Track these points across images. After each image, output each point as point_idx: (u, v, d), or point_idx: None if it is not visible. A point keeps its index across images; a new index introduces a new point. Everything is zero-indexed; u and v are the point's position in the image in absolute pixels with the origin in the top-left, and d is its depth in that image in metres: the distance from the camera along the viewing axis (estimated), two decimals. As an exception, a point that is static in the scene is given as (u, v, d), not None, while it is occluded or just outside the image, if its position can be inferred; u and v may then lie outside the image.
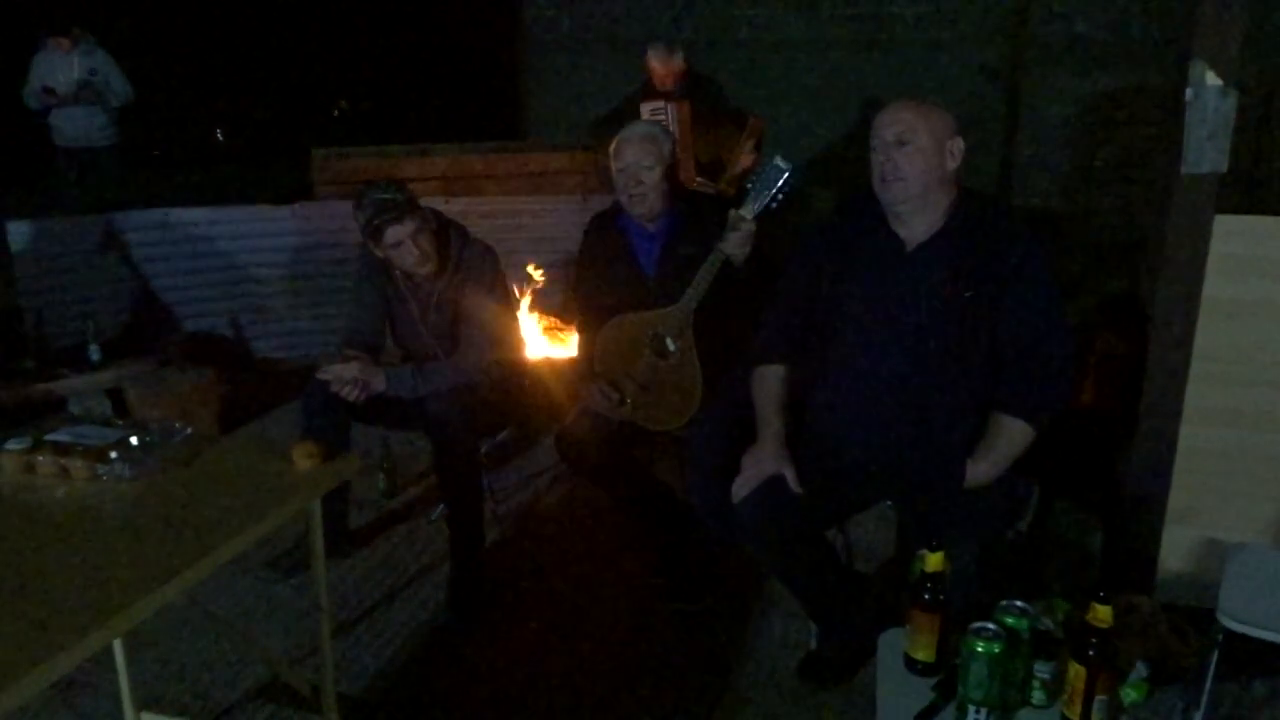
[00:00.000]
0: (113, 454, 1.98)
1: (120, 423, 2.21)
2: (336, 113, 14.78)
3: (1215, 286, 2.45)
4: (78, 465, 1.97)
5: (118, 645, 2.26)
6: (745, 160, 4.45)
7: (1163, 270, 2.51)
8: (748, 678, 2.53)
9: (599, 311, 2.87)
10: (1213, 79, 2.31)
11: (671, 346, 2.71)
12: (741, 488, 2.25)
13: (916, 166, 2.12)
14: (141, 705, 2.35)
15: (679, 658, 2.63)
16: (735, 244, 2.53)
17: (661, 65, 4.59)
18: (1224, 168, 2.39)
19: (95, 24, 6.55)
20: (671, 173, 2.80)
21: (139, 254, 4.70)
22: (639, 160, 2.72)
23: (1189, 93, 2.35)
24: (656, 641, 2.70)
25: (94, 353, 4.00)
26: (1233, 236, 2.42)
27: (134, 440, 2.04)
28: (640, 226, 2.84)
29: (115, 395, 4.02)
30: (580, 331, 3.02)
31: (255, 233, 4.93)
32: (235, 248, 4.89)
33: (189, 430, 2.16)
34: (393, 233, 2.77)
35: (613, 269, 2.87)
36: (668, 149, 2.77)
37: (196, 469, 2.04)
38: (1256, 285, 2.44)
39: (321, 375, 2.85)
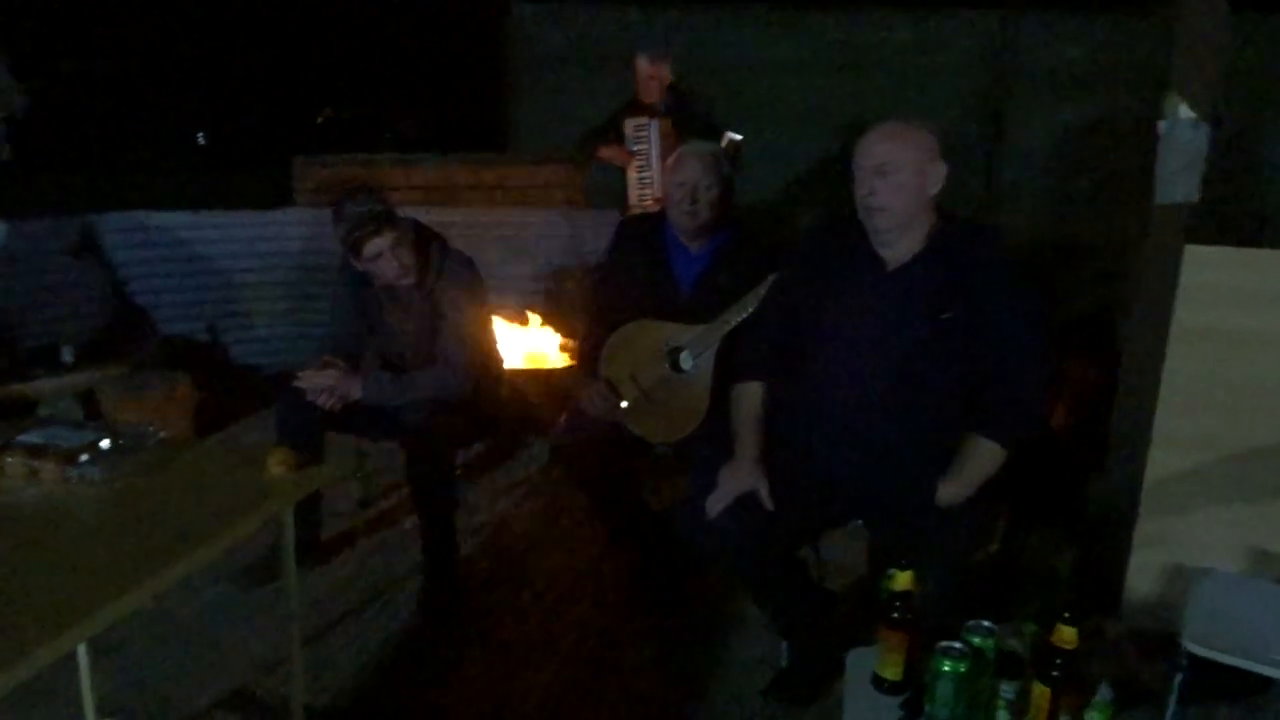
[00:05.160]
0: (84, 457, 1.97)
1: (92, 426, 2.20)
2: (321, 120, 14.74)
3: (1186, 315, 2.48)
4: (48, 467, 1.95)
5: (82, 651, 2.24)
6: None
7: (1135, 297, 2.55)
8: (718, 695, 2.53)
9: (617, 313, 2.85)
10: (1186, 112, 2.36)
11: (687, 364, 2.72)
12: (716, 503, 2.25)
13: (898, 196, 2.14)
14: (104, 714, 2.33)
15: (650, 673, 2.62)
16: None
17: (649, 67, 4.61)
18: (1196, 198, 2.43)
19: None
20: (727, 197, 2.79)
21: (117, 256, 4.67)
22: (700, 179, 2.72)
23: (1163, 125, 2.39)
24: (628, 657, 2.70)
25: (67, 354, 3.96)
26: (1204, 266, 2.45)
27: (106, 443, 2.03)
28: (683, 244, 2.84)
29: (88, 399, 3.98)
30: (589, 328, 2.99)
31: (235, 238, 4.91)
32: (215, 253, 4.87)
33: (162, 435, 2.15)
34: (372, 246, 2.77)
35: (644, 275, 2.85)
36: (727, 172, 2.78)
37: (169, 474, 2.03)
38: (1226, 315, 2.48)
39: (298, 383, 2.84)
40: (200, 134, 14.52)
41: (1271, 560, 2.52)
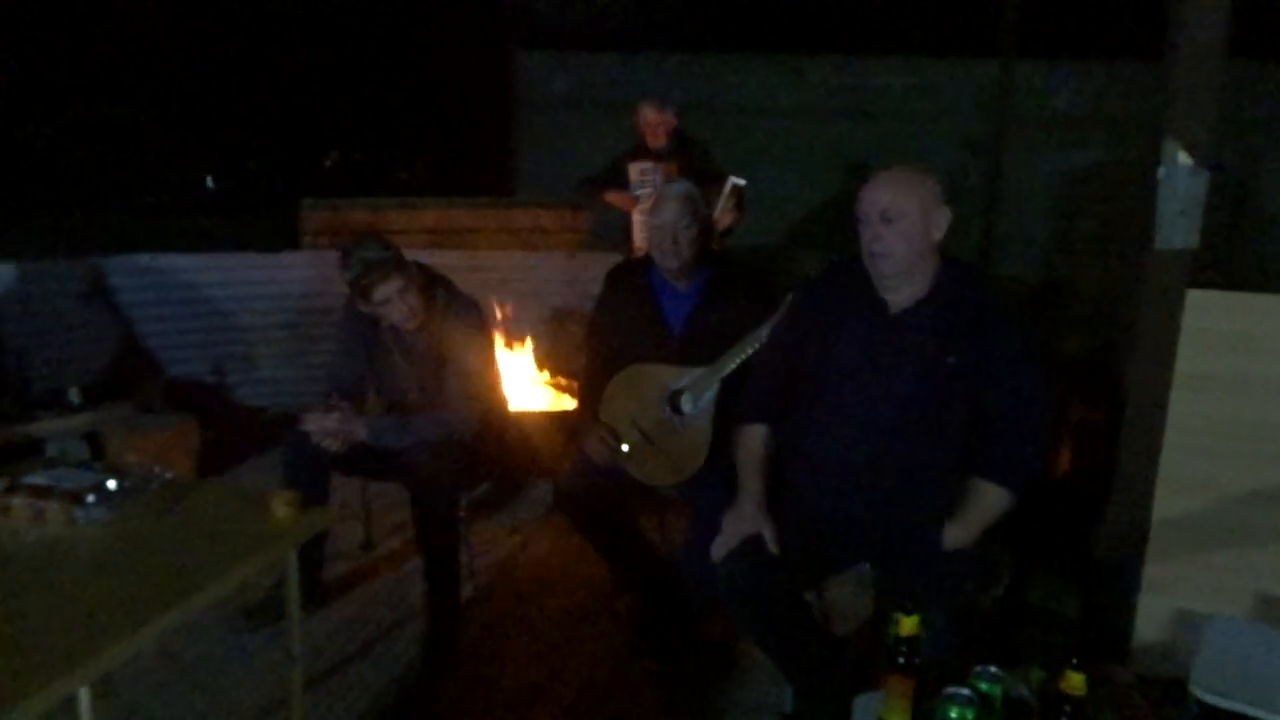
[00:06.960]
0: (89, 498, 1.98)
1: (98, 466, 2.20)
2: (328, 164, 14.90)
3: (1188, 360, 2.49)
4: (53, 509, 1.96)
5: (83, 694, 2.22)
6: (726, 219, 4.51)
7: (1136, 343, 2.56)
8: (722, 741, 2.51)
9: (612, 359, 2.87)
10: (1184, 158, 2.38)
11: (688, 407, 2.73)
12: (721, 547, 2.25)
13: (902, 242, 2.15)
14: (104, 757, 2.31)
15: (655, 719, 2.60)
16: None
17: (654, 114, 4.68)
18: (1195, 244, 2.45)
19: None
20: (706, 235, 2.82)
21: (123, 298, 4.70)
22: (678, 220, 2.75)
23: (1161, 171, 2.42)
24: (631, 702, 2.67)
25: (73, 396, 3.98)
26: (1205, 311, 2.47)
27: (111, 484, 2.04)
28: (669, 284, 2.86)
29: (94, 440, 3.99)
30: (586, 376, 3.01)
31: (241, 280, 4.95)
32: (220, 295, 4.90)
33: (167, 476, 2.16)
34: (381, 290, 2.79)
35: (636, 319, 2.88)
36: (704, 211, 2.82)
37: (173, 515, 2.04)
38: (1228, 359, 2.49)
39: (304, 426, 2.85)
40: (209, 178, 14.67)
41: (1280, 606, 2.51)
